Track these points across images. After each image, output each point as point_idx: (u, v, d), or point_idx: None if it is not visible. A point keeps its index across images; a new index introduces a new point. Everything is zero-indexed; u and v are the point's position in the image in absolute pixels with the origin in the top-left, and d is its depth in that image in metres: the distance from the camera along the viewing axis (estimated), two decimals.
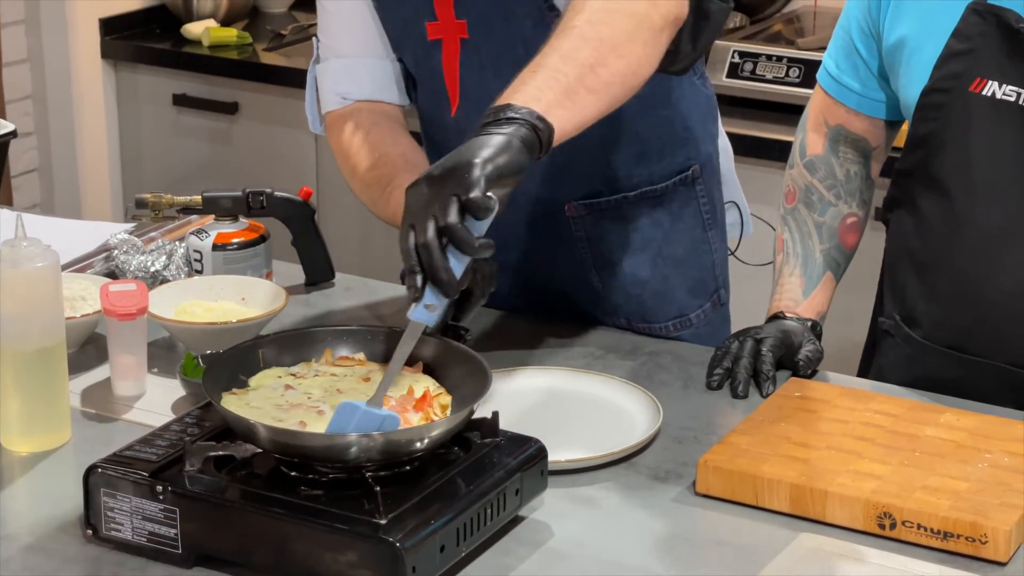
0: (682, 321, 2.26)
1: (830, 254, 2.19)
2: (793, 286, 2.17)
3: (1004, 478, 1.74)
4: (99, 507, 1.65)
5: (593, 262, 2.21)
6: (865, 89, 2.15)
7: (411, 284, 1.64)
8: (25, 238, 1.83)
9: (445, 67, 2.12)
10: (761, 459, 1.78)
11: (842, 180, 2.20)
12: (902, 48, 2.06)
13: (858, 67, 2.14)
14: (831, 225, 2.19)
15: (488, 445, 1.71)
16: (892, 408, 1.91)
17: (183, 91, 4.07)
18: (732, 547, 1.69)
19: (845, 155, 2.20)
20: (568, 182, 2.16)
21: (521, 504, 1.70)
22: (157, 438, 1.70)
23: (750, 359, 2.03)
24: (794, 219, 2.21)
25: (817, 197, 2.20)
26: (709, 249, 2.27)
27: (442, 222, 1.62)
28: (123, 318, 1.97)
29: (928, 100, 2.03)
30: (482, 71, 2.09)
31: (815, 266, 2.18)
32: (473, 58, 2.09)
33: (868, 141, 2.20)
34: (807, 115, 2.24)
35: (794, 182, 2.23)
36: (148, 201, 2.36)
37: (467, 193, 1.62)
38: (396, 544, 1.53)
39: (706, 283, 2.27)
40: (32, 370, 1.84)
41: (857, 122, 2.18)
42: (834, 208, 2.20)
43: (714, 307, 2.29)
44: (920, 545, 1.68)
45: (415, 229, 1.64)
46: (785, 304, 2.16)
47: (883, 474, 1.75)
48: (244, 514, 1.59)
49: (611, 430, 1.90)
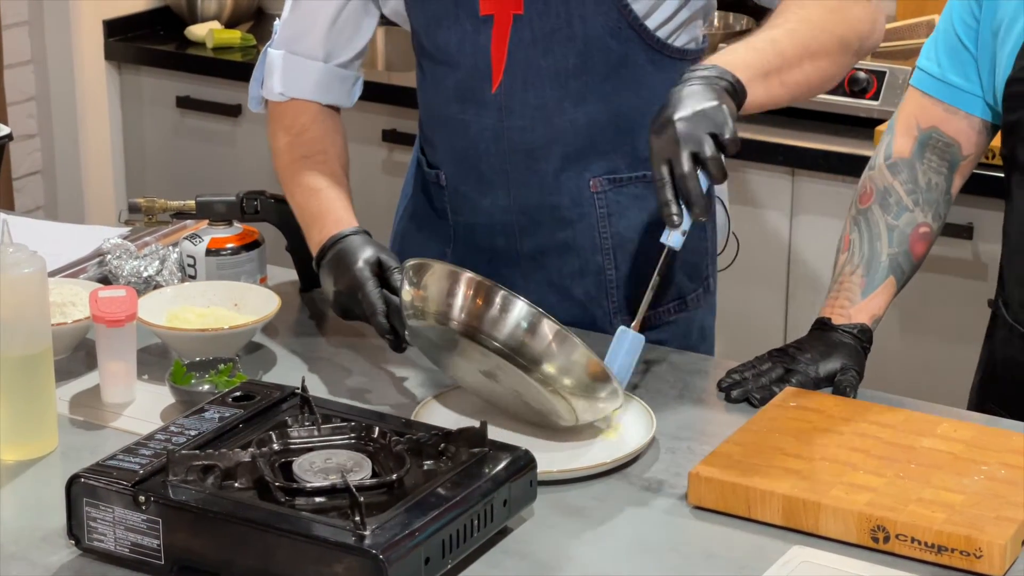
0: (680, 304, 2.28)
1: (896, 259, 2.15)
2: (852, 285, 2.14)
3: (1000, 491, 1.72)
4: (82, 517, 1.64)
5: (612, 241, 2.22)
6: (970, 85, 2.12)
7: (670, 213, 1.86)
8: (11, 244, 1.81)
9: (494, 43, 2.14)
10: (754, 470, 1.76)
11: (923, 187, 2.16)
12: (995, 36, 2.05)
13: (965, 63, 2.11)
14: (903, 231, 2.16)
15: (476, 455, 1.69)
16: (888, 419, 1.88)
17: (187, 93, 4.05)
18: (724, 559, 1.67)
19: (930, 163, 2.16)
20: (591, 160, 2.19)
21: (509, 515, 1.69)
22: (141, 447, 1.69)
23: (768, 382, 2.01)
24: (865, 220, 2.17)
25: (895, 200, 2.16)
26: (705, 235, 2.30)
27: (705, 155, 1.84)
28: (112, 324, 1.96)
29: (1012, 90, 2.03)
30: (532, 47, 2.13)
31: (879, 268, 2.14)
32: (525, 34, 2.13)
33: (959, 147, 2.15)
34: (896, 119, 2.19)
35: (873, 182, 2.19)
36: (141, 206, 2.34)
37: (721, 131, 1.86)
38: (379, 556, 1.51)
39: (700, 268, 2.30)
40: (18, 377, 1.83)
41: (954, 122, 2.14)
42: (909, 214, 2.16)
43: (705, 292, 2.32)
44: (914, 559, 1.65)
45: (672, 163, 1.85)
46: (840, 304, 2.12)
47: (877, 486, 1.72)
48: (227, 525, 1.58)
49: (603, 439, 1.88)
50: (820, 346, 2.06)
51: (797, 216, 3.32)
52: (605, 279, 2.24)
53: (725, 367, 2.09)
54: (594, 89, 2.15)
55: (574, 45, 2.12)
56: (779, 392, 1.97)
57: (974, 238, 3.13)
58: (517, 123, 2.16)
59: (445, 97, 2.23)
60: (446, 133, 2.24)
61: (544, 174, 2.18)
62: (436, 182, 2.28)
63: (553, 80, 2.14)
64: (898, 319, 3.19)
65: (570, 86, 2.14)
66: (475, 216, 2.25)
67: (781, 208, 3.33)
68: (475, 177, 2.22)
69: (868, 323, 2.10)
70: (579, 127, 2.16)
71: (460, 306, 1.82)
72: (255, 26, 4.29)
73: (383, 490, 1.62)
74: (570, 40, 2.11)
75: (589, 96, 2.15)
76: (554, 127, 2.16)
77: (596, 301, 2.24)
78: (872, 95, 3.29)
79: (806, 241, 3.31)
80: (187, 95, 4.05)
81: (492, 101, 2.17)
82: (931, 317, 3.17)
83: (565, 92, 2.14)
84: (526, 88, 2.15)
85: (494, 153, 2.19)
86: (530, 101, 2.15)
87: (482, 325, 1.81)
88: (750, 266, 3.36)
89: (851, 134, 3.27)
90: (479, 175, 2.22)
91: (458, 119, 2.22)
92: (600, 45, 2.12)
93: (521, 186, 2.20)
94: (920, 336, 3.20)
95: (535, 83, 2.14)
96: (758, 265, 3.36)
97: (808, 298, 3.31)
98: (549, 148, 2.17)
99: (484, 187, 2.22)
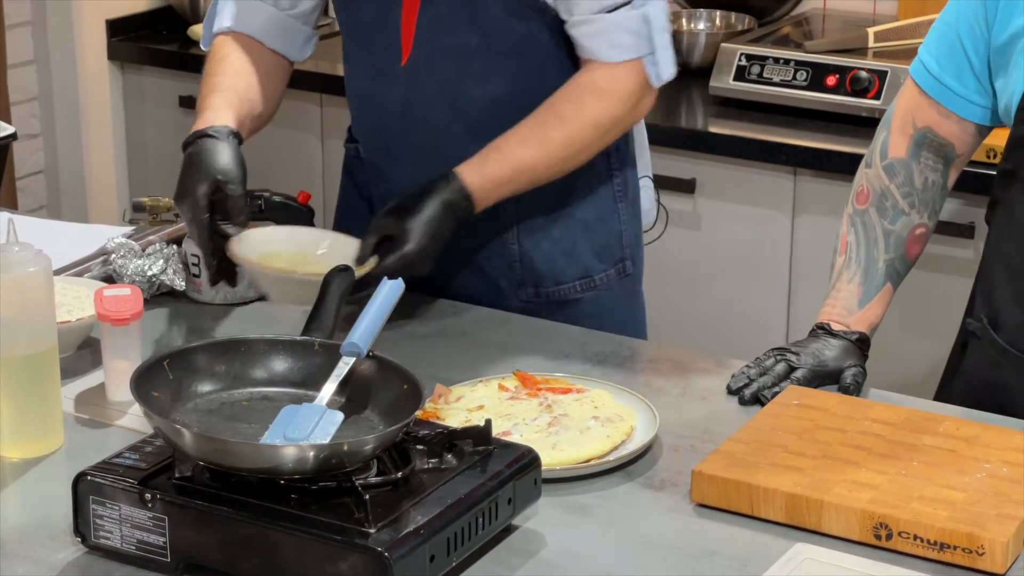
0: (586, 282, 2.33)
1: (893, 265, 2.16)
2: (850, 295, 2.14)
3: (1002, 488, 1.73)
4: (88, 515, 1.64)
5: (516, 219, 2.29)
6: (965, 91, 2.11)
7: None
8: (17, 242, 1.82)
9: (404, 19, 2.22)
10: (757, 468, 1.77)
11: (919, 189, 2.16)
12: (1013, 44, 2.02)
13: (962, 67, 2.10)
14: (900, 235, 2.16)
15: (480, 453, 1.70)
16: (890, 417, 1.89)
17: (190, 93, 4.05)
18: (727, 557, 1.68)
19: (926, 161, 2.15)
20: (494, 136, 2.21)
21: (514, 513, 1.69)
22: (147, 445, 1.69)
23: (775, 380, 2.02)
24: (863, 223, 2.17)
25: (891, 204, 2.16)
26: (618, 219, 2.35)
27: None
28: (117, 323, 1.97)
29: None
30: (439, 25, 2.20)
31: (876, 276, 2.14)
32: (431, 12, 2.20)
33: (953, 147, 2.15)
34: (892, 112, 2.18)
35: (869, 183, 2.19)
36: (145, 205, 2.36)
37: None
38: (384, 554, 1.51)
39: (612, 250, 2.35)
40: (24, 375, 1.83)
41: (947, 125, 2.14)
42: (906, 217, 2.16)
43: (619, 275, 2.36)
44: (916, 556, 1.66)
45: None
46: (838, 313, 2.13)
47: (880, 484, 1.73)
48: (233, 522, 1.58)
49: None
50: (822, 346, 2.06)
51: (799, 215, 3.32)
52: (508, 252, 2.30)
53: (728, 365, 2.09)
54: (497, 68, 2.21)
55: (477, 25, 2.19)
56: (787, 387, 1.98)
57: (974, 238, 3.13)
58: (422, 97, 2.24)
59: (359, 71, 2.32)
60: (360, 106, 2.35)
61: (447, 149, 2.22)
62: (357, 156, 2.39)
63: (457, 58, 2.21)
64: (898, 319, 3.19)
65: (473, 65, 2.21)
66: (388, 188, 2.32)
67: (783, 207, 3.33)
68: (384, 150, 2.32)
69: (867, 332, 2.11)
70: (480, 105, 2.23)
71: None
72: None
73: (388, 488, 1.62)
74: (473, 20, 2.18)
75: (491, 75, 2.22)
76: (457, 104, 2.23)
77: (502, 273, 2.32)
78: (874, 94, 3.29)
79: (808, 240, 3.31)
80: (190, 94, 4.05)
81: (400, 75, 2.24)
82: (931, 317, 3.17)
83: (467, 70, 2.21)
84: (431, 64, 2.22)
85: (400, 127, 2.27)
86: (435, 77, 2.22)
87: None
88: (752, 265, 3.37)
89: (853, 133, 3.27)
90: (387, 148, 2.31)
91: (370, 91, 2.31)
92: (502, 26, 2.19)
93: (426, 160, 2.25)
94: (920, 336, 3.20)
95: (440, 60, 2.21)
96: (760, 264, 3.37)
97: (810, 297, 3.31)
98: (452, 123, 2.24)
99: (392, 160, 2.31)
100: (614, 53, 2.17)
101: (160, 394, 1.69)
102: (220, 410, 1.72)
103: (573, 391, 1.97)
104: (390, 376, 1.74)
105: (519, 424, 1.88)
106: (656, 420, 1.90)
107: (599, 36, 2.16)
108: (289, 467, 1.58)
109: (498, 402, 1.94)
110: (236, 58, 2.31)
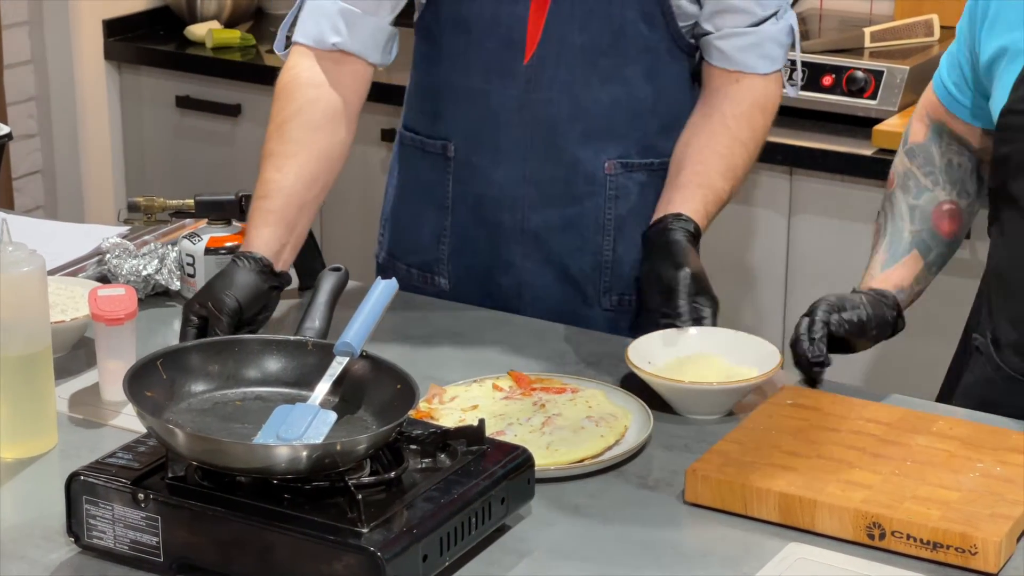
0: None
1: (920, 235, 2.18)
2: (875, 263, 2.18)
3: (996, 488, 1.73)
4: (81, 515, 1.64)
5: (614, 223, 2.29)
6: (967, 101, 2.15)
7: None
8: (11, 243, 1.82)
9: (532, 15, 2.20)
10: (751, 468, 1.77)
11: (941, 167, 2.19)
12: (996, 65, 2.04)
13: (961, 82, 2.14)
14: (925, 208, 2.18)
15: (474, 453, 1.70)
16: (884, 416, 1.89)
17: (186, 93, 4.06)
18: (720, 557, 1.68)
19: (949, 146, 2.19)
20: (607, 141, 2.26)
21: (507, 513, 1.69)
22: (140, 445, 1.70)
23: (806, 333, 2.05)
24: (890, 203, 2.21)
25: (914, 182, 2.19)
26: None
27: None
28: (111, 323, 1.97)
29: (1006, 120, 2.01)
30: (570, 22, 2.20)
31: (900, 244, 2.17)
32: (564, 8, 2.19)
33: (969, 141, 2.18)
34: (918, 104, 2.24)
35: (895, 169, 2.24)
36: (141, 205, 2.35)
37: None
38: (377, 553, 1.51)
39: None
40: (18, 375, 1.83)
41: (958, 125, 2.18)
42: (930, 193, 2.18)
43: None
44: (909, 556, 1.66)
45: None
46: (864, 282, 2.17)
47: (873, 483, 1.73)
48: (226, 522, 1.58)
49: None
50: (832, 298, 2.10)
51: (795, 215, 3.32)
52: (602, 258, 2.30)
53: None
54: (620, 71, 2.22)
55: (610, 25, 2.19)
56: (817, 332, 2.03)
57: (973, 238, 3.13)
58: (543, 96, 2.22)
59: (464, 68, 2.27)
60: (461, 104, 2.29)
61: (562, 150, 2.25)
62: (441, 153, 2.31)
63: (585, 57, 2.20)
64: None
65: (600, 64, 2.21)
66: (485, 188, 2.29)
67: (779, 207, 3.33)
68: (490, 148, 2.27)
69: (889, 289, 2.14)
70: (601, 106, 2.23)
71: None
72: (255, 26, 4.29)
73: (381, 488, 1.62)
74: (607, 19, 2.19)
75: (615, 77, 2.22)
76: (578, 104, 2.23)
77: (590, 279, 2.31)
78: (870, 94, 3.29)
79: (804, 240, 3.31)
80: (187, 95, 4.05)
81: (521, 73, 2.23)
82: (931, 317, 3.17)
83: (594, 70, 2.21)
84: (558, 62, 2.22)
85: (515, 124, 2.24)
86: (560, 76, 2.21)
87: None
88: (748, 265, 3.37)
89: (849, 133, 3.27)
90: (495, 146, 2.27)
91: (478, 89, 2.26)
92: (633, 29, 2.20)
93: (538, 160, 2.25)
94: (920, 336, 3.20)
95: (567, 58, 2.21)
96: (756, 264, 3.37)
97: (807, 297, 3.28)
98: (571, 124, 2.24)
99: (499, 158, 2.27)
100: (765, 65, 2.22)
101: (153, 394, 1.70)
102: (213, 410, 1.73)
103: (567, 391, 1.97)
104: (383, 376, 1.74)
105: (513, 424, 1.88)
106: (650, 420, 1.90)
107: (752, 49, 2.20)
108: (282, 467, 1.58)
109: (492, 402, 1.94)
110: (304, 121, 2.17)
